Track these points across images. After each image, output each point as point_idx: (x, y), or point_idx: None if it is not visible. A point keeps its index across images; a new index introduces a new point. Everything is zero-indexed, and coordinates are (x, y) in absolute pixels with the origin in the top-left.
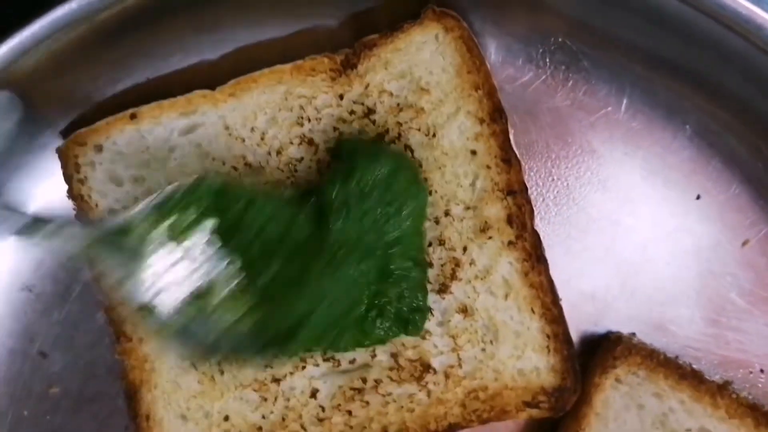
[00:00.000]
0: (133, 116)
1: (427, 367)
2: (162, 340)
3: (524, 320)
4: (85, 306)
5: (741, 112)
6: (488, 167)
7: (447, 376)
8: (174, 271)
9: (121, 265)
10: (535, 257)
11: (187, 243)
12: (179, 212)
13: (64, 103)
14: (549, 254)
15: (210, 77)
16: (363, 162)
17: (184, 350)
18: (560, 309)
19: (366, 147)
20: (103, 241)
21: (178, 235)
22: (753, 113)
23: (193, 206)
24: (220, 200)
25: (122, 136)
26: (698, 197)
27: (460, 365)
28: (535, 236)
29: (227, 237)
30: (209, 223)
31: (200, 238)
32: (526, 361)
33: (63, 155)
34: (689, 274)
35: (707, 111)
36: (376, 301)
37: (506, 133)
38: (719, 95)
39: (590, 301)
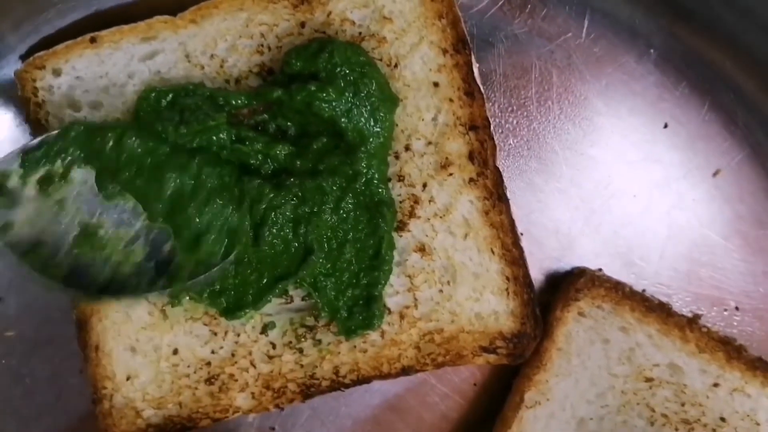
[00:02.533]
0: (92, 40)
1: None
2: (56, 284)
3: (483, 261)
4: None
5: (709, 33)
6: (451, 100)
7: (402, 316)
8: (51, 215)
9: None
10: (496, 196)
11: (57, 195)
12: (46, 165)
13: (26, 27)
14: (510, 188)
15: (172, 3)
16: (337, 42)
17: (75, 293)
18: (521, 251)
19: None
20: None
21: (48, 183)
22: (721, 33)
23: (59, 158)
24: (88, 145)
25: (81, 60)
26: (666, 125)
27: (415, 306)
28: (497, 174)
29: (107, 177)
30: (80, 172)
31: (71, 186)
32: (484, 304)
33: (20, 78)
34: (658, 207)
35: (673, 33)
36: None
37: (470, 65)
38: (685, 15)
39: (554, 237)
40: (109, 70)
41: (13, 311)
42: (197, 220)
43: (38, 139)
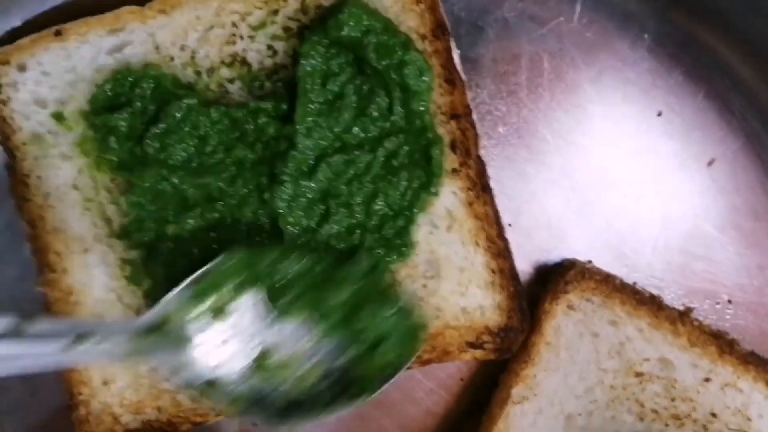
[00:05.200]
0: (58, 33)
1: None
2: (236, 413)
3: (468, 254)
4: (12, 238)
5: (704, 18)
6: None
7: None
8: (227, 346)
9: (169, 356)
10: (479, 186)
11: (231, 320)
12: (215, 292)
13: None
14: (499, 178)
15: None
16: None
17: (261, 420)
18: (506, 242)
19: None
20: (144, 342)
21: (219, 314)
22: (718, 18)
23: (226, 283)
24: (252, 268)
25: (47, 54)
26: (660, 114)
27: None
28: (480, 164)
29: (275, 297)
30: (248, 295)
31: (243, 312)
32: (469, 298)
33: None
34: (652, 198)
35: (668, 17)
36: None
37: (449, 51)
38: None
39: (544, 228)
40: (76, 64)
41: None
42: (370, 329)
43: (201, 271)
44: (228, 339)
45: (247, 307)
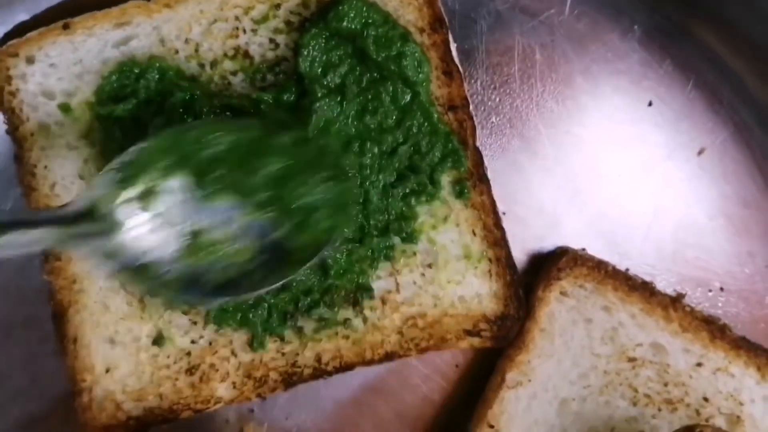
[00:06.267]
0: (65, 26)
1: (365, 290)
2: (171, 296)
3: (465, 243)
4: None
5: (693, 9)
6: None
7: (384, 301)
8: (157, 229)
9: (100, 242)
10: (476, 176)
11: (160, 203)
12: (142, 175)
13: (1, 14)
14: (493, 167)
15: None
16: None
17: (196, 301)
18: (503, 232)
19: None
20: (74, 230)
21: (148, 197)
22: (706, 10)
23: (154, 165)
24: (179, 146)
25: (54, 47)
26: (650, 104)
27: (397, 290)
28: (477, 154)
29: (203, 175)
30: (177, 177)
31: (172, 194)
32: (466, 286)
33: None
34: (643, 187)
35: (657, 9)
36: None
37: (447, 43)
38: None
39: (538, 217)
40: (83, 56)
41: None
42: (301, 200)
43: (127, 152)
44: (158, 222)
45: (176, 188)
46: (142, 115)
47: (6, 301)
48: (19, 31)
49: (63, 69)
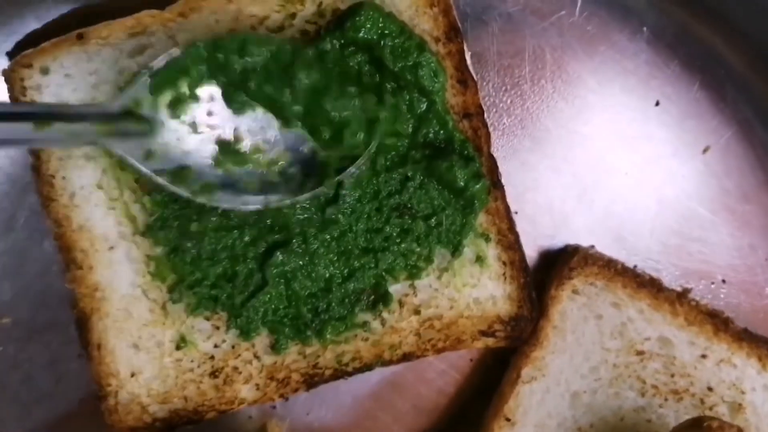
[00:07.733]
0: (80, 36)
1: (382, 295)
2: (209, 198)
3: (480, 247)
4: (32, 234)
5: (700, 10)
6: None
7: (402, 304)
8: (197, 132)
9: (141, 140)
10: (491, 182)
11: (200, 106)
12: (183, 79)
13: (11, 23)
14: (503, 167)
15: None
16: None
17: (233, 202)
18: (516, 236)
19: None
20: (117, 125)
21: (188, 99)
22: (713, 11)
23: (193, 69)
24: (210, 61)
25: (69, 57)
26: (657, 103)
27: (414, 293)
28: (492, 161)
29: (241, 85)
30: (216, 83)
31: (211, 100)
32: (481, 289)
33: (9, 78)
34: (649, 184)
35: (665, 11)
36: None
37: (462, 53)
38: None
39: (547, 214)
40: (98, 67)
41: (8, 297)
42: (333, 114)
43: (162, 60)
44: (198, 125)
45: (214, 94)
46: None
47: (27, 306)
48: (30, 39)
49: (78, 79)
